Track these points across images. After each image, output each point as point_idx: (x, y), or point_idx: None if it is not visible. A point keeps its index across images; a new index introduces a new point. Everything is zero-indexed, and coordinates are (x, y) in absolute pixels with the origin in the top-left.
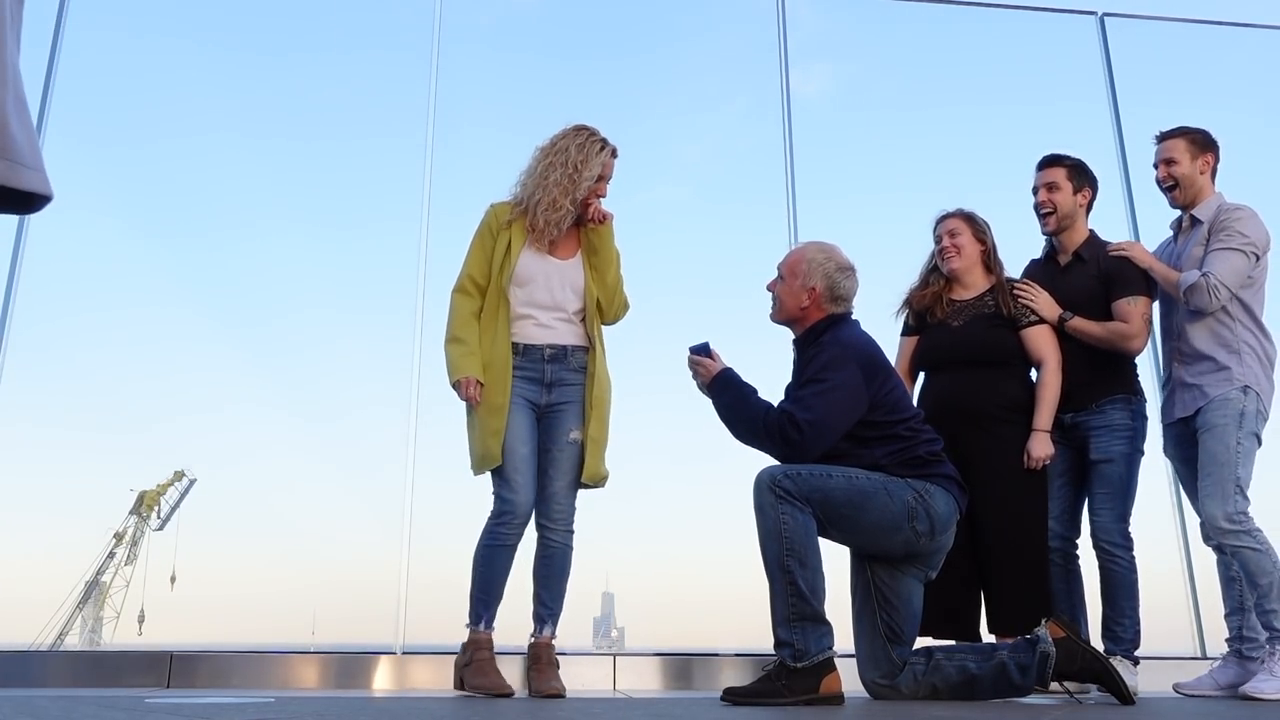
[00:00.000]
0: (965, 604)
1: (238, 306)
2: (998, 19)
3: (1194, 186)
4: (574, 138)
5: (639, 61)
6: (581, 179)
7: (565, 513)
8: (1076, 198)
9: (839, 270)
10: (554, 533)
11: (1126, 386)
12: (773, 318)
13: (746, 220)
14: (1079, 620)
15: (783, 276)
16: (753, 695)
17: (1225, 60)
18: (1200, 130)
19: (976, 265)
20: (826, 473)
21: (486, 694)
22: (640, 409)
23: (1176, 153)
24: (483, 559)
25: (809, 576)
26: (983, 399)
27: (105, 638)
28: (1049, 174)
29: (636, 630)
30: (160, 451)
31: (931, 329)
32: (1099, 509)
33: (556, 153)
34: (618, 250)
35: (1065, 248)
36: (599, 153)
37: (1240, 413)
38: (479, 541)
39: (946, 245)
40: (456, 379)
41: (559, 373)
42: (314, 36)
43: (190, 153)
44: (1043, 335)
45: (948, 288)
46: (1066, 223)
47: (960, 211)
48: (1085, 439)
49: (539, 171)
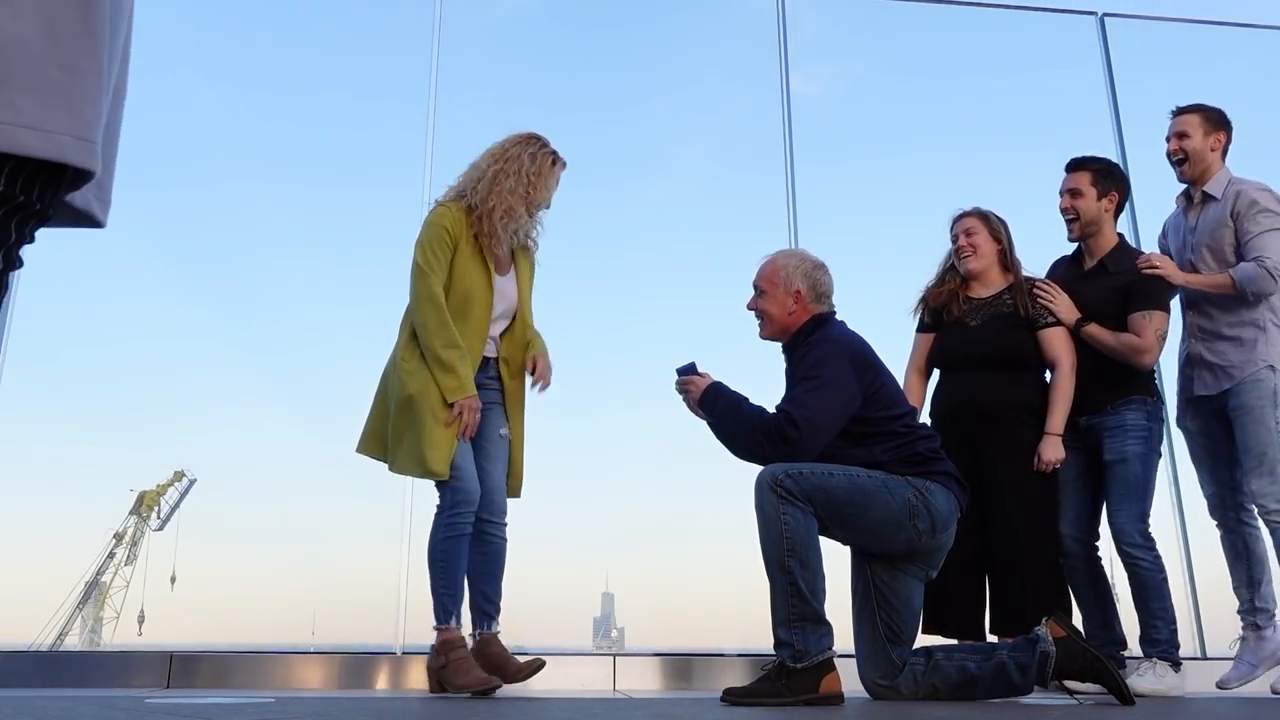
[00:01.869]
0: (976, 603)
1: (238, 306)
2: (998, 19)
3: (1203, 162)
4: (526, 146)
5: (639, 62)
6: (538, 192)
7: (504, 506)
8: (1102, 203)
9: (816, 268)
10: (496, 526)
11: (1142, 388)
12: (763, 335)
13: (747, 220)
14: (1112, 624)
15: (763, 290)
16: (752, 695)
17: (1225, 60)
18: (1216, 109)
19: (993, 264)
20: (828, 471)
21: (474, 692)
22: (640, 409)
23: (1190, 127)
24: (446, 552)
25: (809, 577)
26: (998, 399)
27: (105, 638)
28: (1073, 179)
29: (636, 630)
30: (160, 452)
31: (948, 327)
32: (1116, 511)
33: (508, 160)
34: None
35: (1092, 253)
36: (553, 166)
37: (1274, 391)
38: (435, 535)
39: (963, 244)
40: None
41: (481, 379)
42: (313, 36)
43: (191, 152)
44: (1059, 337)
45: (964, 286)
46: (1091, 229)
47: (977, 210)
48: (1100, 441)
49: (489, 177)
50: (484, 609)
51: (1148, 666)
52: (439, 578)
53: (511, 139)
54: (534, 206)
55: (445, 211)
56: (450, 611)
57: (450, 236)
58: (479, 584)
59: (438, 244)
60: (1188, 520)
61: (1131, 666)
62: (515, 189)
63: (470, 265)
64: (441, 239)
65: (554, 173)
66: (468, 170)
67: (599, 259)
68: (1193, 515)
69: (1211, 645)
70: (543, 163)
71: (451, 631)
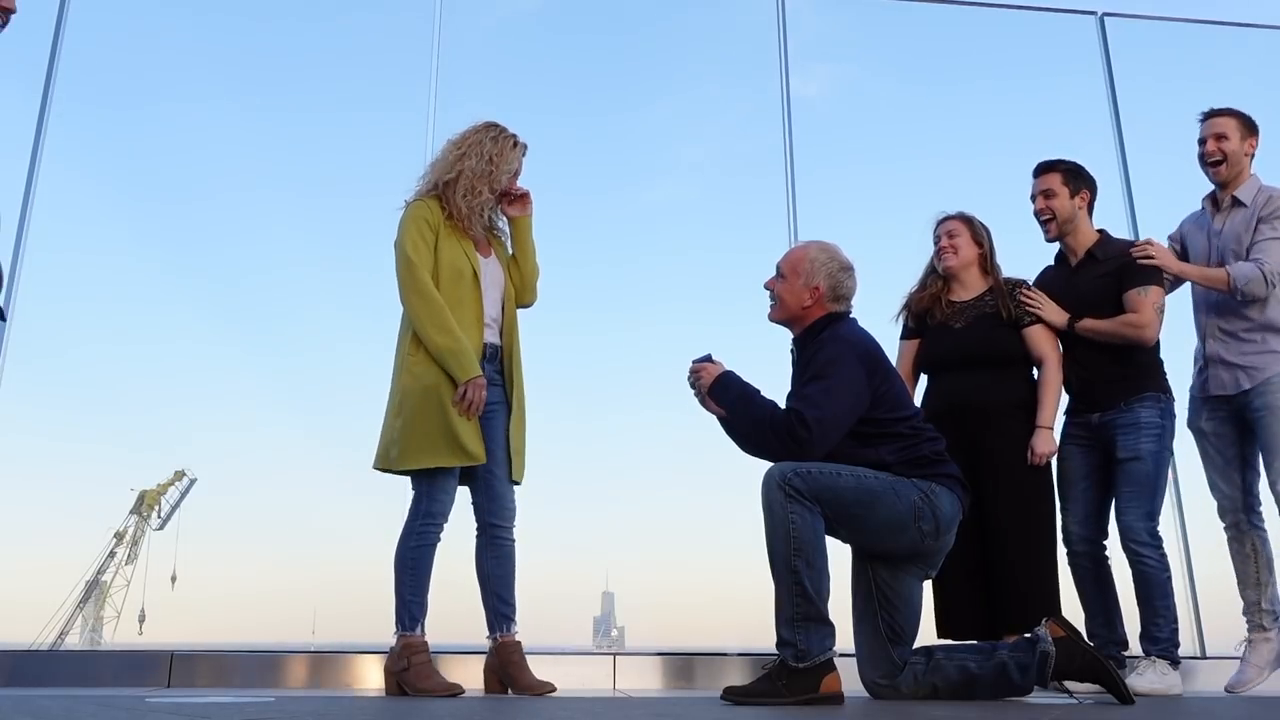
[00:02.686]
0: (979, 602)
1: (239, 306)
2: (998, 19)
3: (1239, 165)
4: (486, 132)
5: (639, 62)
6: (499, 170)
7: (514, 510)
8: (1074, 201)
9: (841, 270)
10: (505, 530)
11: (1156, 386)
12: (771, 317)
13: (747, 221)
14: (1115, 624)
15: (783, 275)
16: (753, 695)
17: (1225, 60)
18: (1247, 114)
19: (973, 266)
20: (836, 471)
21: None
22: (640, 409)
23: (1229, 129)
24: (416, 560)
25: (815, 577)
26: (989, 398)
27: (105, 637)
28: (1043, 181)
29: (636, 630)
30: (160, 451)
31: (933, 331)
32: (1125, 508)
33: (470, 145)
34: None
35: (1074, 250)
36: (513, 148)
37: None
38: (406, 543)
39: (944, 245)
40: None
41: (491, 373)
42: (314, 33)
43: (191, 157)
44: (1042, 334)
45: (946, 289)
46: (1067, 228)
47: (960, 214)
48: (1112, 438)
49: (450, 161)
50: (501, 612)
51: (1147, 665)
52: (408, 585)
53: (471, 128)
54: (495, 185)
55: (420, 204)
56: (417, 619)
57: (430, 226)
58: (493, 588)
59: (419, 233)
60: (1188, 520)
61: (1131, 665)
62: (477, 168)
63: (453, 248)
64: (421, 229)
65: (514, 153)
66: (431, 164)
67: (598, 261)
68: (1193, 515)
69: (1211, 645)
70: (504, 144)
71: (415, 637)
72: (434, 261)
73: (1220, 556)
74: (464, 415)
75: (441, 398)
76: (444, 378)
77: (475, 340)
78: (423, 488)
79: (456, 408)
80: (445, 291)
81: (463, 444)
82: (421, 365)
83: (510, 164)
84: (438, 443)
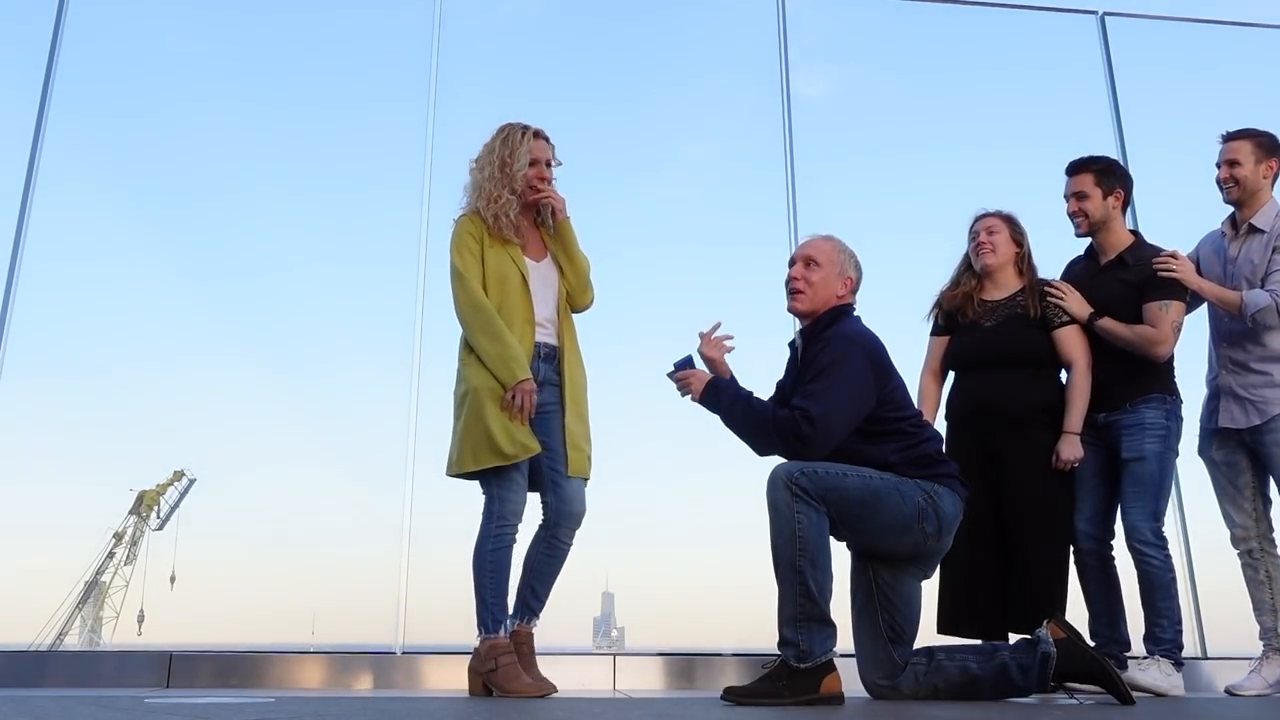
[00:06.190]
0: (993, 603)
1: (239, 307)
2: (998, 19)
3: (1254, 189)
4: (498, 136)
5: (640, 62)
6: (514, 169)
7: (581, 512)
8: (1108, 201)
9: (858, 263)
10: (567, 533)
11: (1162, 386)
12: (798, 308)
13: (747, 221)
14: (1118, 624)
15: (818, 264)
16: (753, 695)
17: (1225, 60)
18: (1267, 134)
19: (1009, 265)
20: (842, 472)
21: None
22: (640, 408)
23: (1241, 155)
24: (496, 564)
25: (819, 578)
26: (1015, 400)
27: (105, 638)
28: (1076, 182)
29: (636, 630)
30: (160, 451)
31: (963, 329)
32: (1130, 508)
33: (482, 158)
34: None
35: (1105, 250)
36: (522, 139)
37: None
38: (484, 546)
39: (983, 241)
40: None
41: (548, 373)
42: (313, 33)
43: (191, 156)
44: (1073, 336)
45: (979, 288)
46: (1100, 227)
47: (1000, 212)
48: (1118, 438)
49: (474, 181)
50: (530, 604)
51: (1150, 662)
52: (489, 588)
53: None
54: (515, 184)
55: (463, 220)
56: (499, 622)
57: (474, 238)
58: (534, 580)
59: (464, 246)
60: (1188, 520)
61: (1134, 662)
62: (493, 176)
63: (499, 256)
64: (466, 242)
65: (524, 144)
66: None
67: (598, 258)
68: (1193, 515)
69: (1212, 645)
70: (512, 142)
71: (500, 638)
72: (482, 272)
73: (1221, 556)
74: (514, 420)
75: (492, 402)
76: (496, 383)
77: (526, 341)
78: (492, 490)
79: (507, 411)
80: (493, 297)
81: (511, 440)
82: (474, 371)
83: (523, 156)
84: (489, 444)
